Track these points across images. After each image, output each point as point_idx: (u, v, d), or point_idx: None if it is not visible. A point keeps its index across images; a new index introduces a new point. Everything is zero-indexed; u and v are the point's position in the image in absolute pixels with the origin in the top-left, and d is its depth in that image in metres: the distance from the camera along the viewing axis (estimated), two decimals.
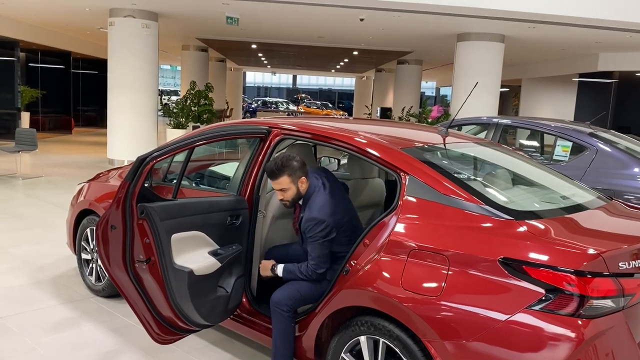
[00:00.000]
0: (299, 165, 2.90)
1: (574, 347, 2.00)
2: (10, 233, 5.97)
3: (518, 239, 2.21)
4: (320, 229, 2.81)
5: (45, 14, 12.69)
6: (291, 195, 2.91)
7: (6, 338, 3.48)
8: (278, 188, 2.90)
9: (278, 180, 2.87)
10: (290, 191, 2.90)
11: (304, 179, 2.93)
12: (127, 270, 2.75)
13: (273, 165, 2.87)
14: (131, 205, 2.66)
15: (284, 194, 2.91)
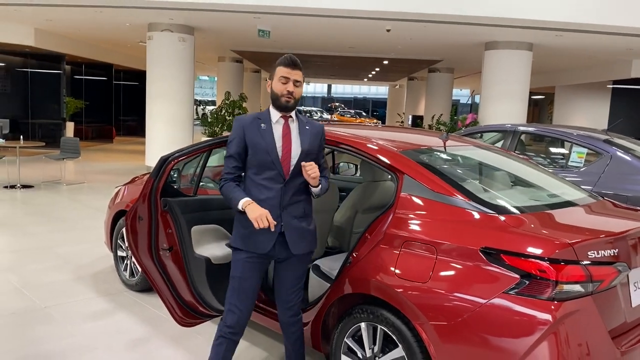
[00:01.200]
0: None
1: (545, 326, 2.21)
2: (55, 234, 6.45)
3: (497, 230, 2.44)
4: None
5: (89, 29, 13.40)
6: (299, 93, 2.73)
7: (50, 325, 3.87)
8: (296, 78, 2.69)
9: (299, 72, 2.71)
10: (300, 89, 2.73)
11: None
12: (153, 258, 3.09)
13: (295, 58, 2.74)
14: (155, 199, 3.00)
15: (297, 89, 2.70)
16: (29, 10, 10.79)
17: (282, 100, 2.68)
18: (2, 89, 16.54)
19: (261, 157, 2.67)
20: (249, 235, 2.71)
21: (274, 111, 2.74)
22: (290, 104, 2.70)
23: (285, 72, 2.68)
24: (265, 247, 2.70)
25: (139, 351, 3.52)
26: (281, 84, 2.68)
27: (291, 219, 2.71)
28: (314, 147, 2.75)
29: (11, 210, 7.72)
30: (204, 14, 10.53)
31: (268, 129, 2.70)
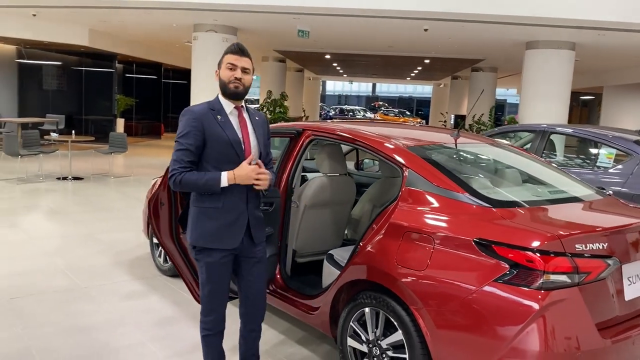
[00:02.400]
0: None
1: (532, 314, 2.33)
2: (100, 222, 6.89)
3: (491, 222, 2.57)
4: None
5: (139, 30, 14.01)
6: (249, 81, 2.65)
7: (89, 303, 4.22)
8: (243, 65, 2.61)
9: (247, 59, 2.64)
10: (249, 76, 2.66)
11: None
12: (174, 240, 3.37)
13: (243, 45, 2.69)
14: None
15: (245, 76, 2.62)
16: (84, 12, 11.40)
17: (230, 86, 2.60)
18: (59, 87, 17.47)
19: (222, 149, 2.57)
20: (217, 229, 2.62)
21: (226, 101, 2.66)
22: (240, 90, 2.62)
23: (232, 59, 2.61)
24: (235, 242, 2.64)
25: (165, 329, 3.81)
26: (228, 70, 2.61)
27: (253, 209, 2.70)
28: (265, 137, 2.77)
29: (62, 200, 8.25)
30: (245, 15, 10.87)
31: (226, 121, 2.62)
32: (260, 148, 2.71)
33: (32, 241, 5.85)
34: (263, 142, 2.74)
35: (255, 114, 2.79)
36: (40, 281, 4.62)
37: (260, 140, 2.72)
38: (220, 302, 2.79)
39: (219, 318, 2.82)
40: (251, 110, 2.79)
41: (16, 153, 9.39)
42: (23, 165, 9.93)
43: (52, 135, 10.48)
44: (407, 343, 2.72)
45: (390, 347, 2.83)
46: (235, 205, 2.62)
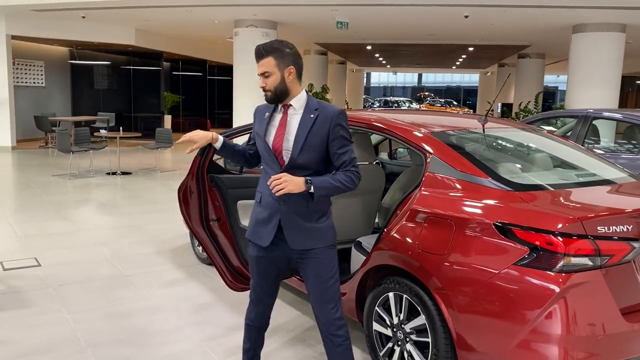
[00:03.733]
0: (291, 53, 2.49)
1: (552, 296, 2.31)
2: (145, 214, 7.16)
3: (511, 206, 2.55)
4: (347, 125, 2.53)
5: (183, 28, 14.37)
6: (273, 82, 2.45)
7: (129, 289, 4.42)
8: (260, 71, 2.47)
9: (262, 61, 2.46)
10: (272, 77, 2.45)
11: (293, 70, 2.48)
12: (204, 227, 3.49)
13: (261, 45, 2.49)
14: (202, 175, 3.39)
15: (266, 80, 2.46)
16: (128, 12, 11.79)
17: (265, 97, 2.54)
18: (109, 86, 18.14)
19: (259, 144, 2.59)
20: (254, 224, 2.62)
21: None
22: (269, 98, 2.50)
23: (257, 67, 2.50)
24: (265, 240, 2.56)
25: (202, 314, 3.95)
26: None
27: (290, 214, 2.50)
28: (317, 138, 2.44)
29: (111, 194, 8.60)
30: (284, 9, 10.98)
31: (267, 118, 2.57)
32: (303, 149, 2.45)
33: (81, 232, 6.15)
34: (319, 141, 2.44)
35: (316, 111, 2.47)
36: (86, 269, 4.86)
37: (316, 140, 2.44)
38: (260, 296, 2.72)
39: (259, 312, 2.76)
40: (313, 106, 2.49)
41: (68, 150, 9.84)
42: (75, 161, 10.39)
43: (101, 132, 10.91)
44: (430, 327, 2.73)
45: (413, 330, 2.85)
46: (270, 204, 2.53)
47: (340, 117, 2.48)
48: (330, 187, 2.45)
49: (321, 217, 2.56)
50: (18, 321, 3.76)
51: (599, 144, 6.29)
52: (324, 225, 2.56)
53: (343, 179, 2.45)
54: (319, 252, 2.54)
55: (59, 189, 8.75)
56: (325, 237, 2.56)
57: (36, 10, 11.87)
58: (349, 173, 2.46)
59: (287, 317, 3.93)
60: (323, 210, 2.57)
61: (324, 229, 2.56)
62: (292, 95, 2.51)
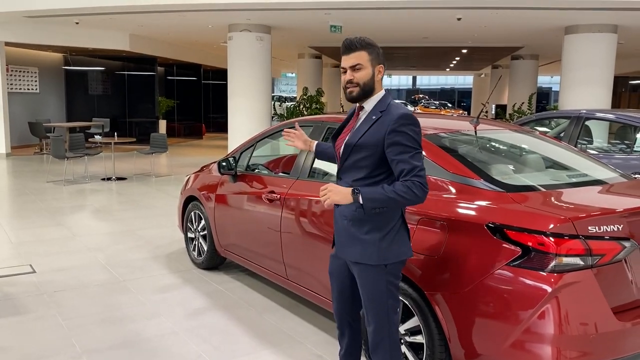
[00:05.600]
0: (382, 53, 2.44)
1: (544, 296, 2.33)
2: (140, 219, 7.15)
3: (503, 207, 2.57)
4: (417, 131, 2.29)
5: (177, 33, 14.36)
6: (364, 77, 2.35)
7: (125, 295, 4.42)
8: (350, 64, 2.35)
9: (355, 54, 2.35)
10: (364, 71, 2.35)
11: (383, 69, 2.42)
12: None
13: (354, 38, 2.38)
14: None
15: (355, 73, 2.35)
16: (122, 17, 11.78)
17: (346, 93, 2.41)
18: (104, 91, 18.11)
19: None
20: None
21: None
22: (354, 94, 2.38)
23: (342, 61, 2.40)
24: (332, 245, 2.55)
25: (197, 319, 3.95)
26: (342, 74, 2.41)
27: (341, 217, 2.44)
28: (371, 140, 2.32)
29: (106, 200, 8.59)
30: (278, 13, 10.99)
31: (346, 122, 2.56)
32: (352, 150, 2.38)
33: (76, 238, 6.14)
34: (374, 143, 2.32)
35: (381, 112, 2.35)
36: (82, 275, 4.86)
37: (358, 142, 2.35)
38: (335, 307, 2.67)
39: (338, 324, 2.70)
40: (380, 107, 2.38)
41: (63, 156, 9.82)
42: (70, 167, 10.38)
43: (95, 137, 10.90)
44: (424, 328, 2.75)
45: (407, 332, 2.86)
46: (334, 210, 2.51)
47: (398, 121, 2.28)
48: (382, 198, 2.23)
49: (372, 230, 2.35)
50: (13, 328, 3.76)
51: (591, 144, 6.33)
52: (370, 239, 2.35)
53: (399, 189, 2.21)
54: (362, 268, 2.39)
55: (53, 195, 8.73)
56: (367, 252, 2.35)
57: (30, 16, 11.86)
58: (409, 183, 2.21)
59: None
60: (376, 222, 2.34)
61: (369, 242, 2.35)
62: (373, 95, 2.41)
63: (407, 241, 2.43)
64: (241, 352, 3.44)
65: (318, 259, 3.50)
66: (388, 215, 2.35)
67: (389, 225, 2.36)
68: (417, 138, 2.29)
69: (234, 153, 4.73)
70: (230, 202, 4.53)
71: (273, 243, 3.92)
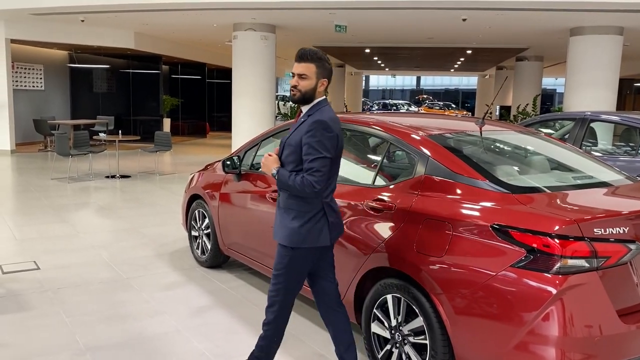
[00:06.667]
0: (329, 68, 2.76)
1: (548, 298, 2.32)
2: (144, 217, 7.16)
3: (508, 208, 2.56)
4: (326, 136, 2.61)
5: (182, 31, 14.39)
6: (306, 86, 2.69)
7: (128, 292, 4.43)
8: (299, 72, 2.69)
9: (305, 65, 2.69)
10: (308, 81, 2.69)
11: (326, 82, 2.75)
12: None
13: (308, 50, 2.71)
14: None
15: (301, 82, 2.69)
16: (127, 15, 11.81)
17: (290, 94, 2.77)
18: (108, 89, 18.14)
19: None
20: None
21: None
22: (296, 97, 2.73)
23: (293, 67, 2.74)
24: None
25: (201, 317, 3.96)
26: (292, 77, 2.75)
27: (278, 204, 2.86)
28: (295, 139, 2.69)
29: (110, 198, 8.61)
30: (283, 13, 11.00)
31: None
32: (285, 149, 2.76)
33: (80, 235, 6.15)
34: (295, 143, 2.68)
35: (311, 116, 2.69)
36: (85, 272, 4.87)
37: (293, 141, 2.70)
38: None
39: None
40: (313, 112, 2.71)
41: (67, 153, 9.84)
42: (74, 164, 10.40)
43: (100, 135, 10.92)
44: (428, 329, 2.74)
45: (411, 333, 2.86)
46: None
47: (314, 125, 2.63)
48: (285, 182, 2.68)
49: (295, 218, 2.73)
50: (17, 324, 3.77)
51: (596, 146, 6.31)
52: (292, 225, 2.74)
53: (297, 181, 2.63)
54: (280, 247, 2.82)
55: (58, 192, 8.76)
56: (288, 235, 2.75)
57: (35, 14, 11.89)
58: (304, 179, 2.60)
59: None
60: (297, 212, 2.73)
61: (290, 227, 2.74)
62: (313, 102, 2.75)
63: (326, 232, 2.77)
64: (244, 351, 3.43)
65: None
66: (306, 206, 2.72)
67: (307, 215, 2.73)
68: (326, 143, 2.62)
69: (239, 152, 4.73)
70: (234, 200, 4.54)
71: (274, 241, 3.92)
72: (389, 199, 3.07)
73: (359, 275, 3.17)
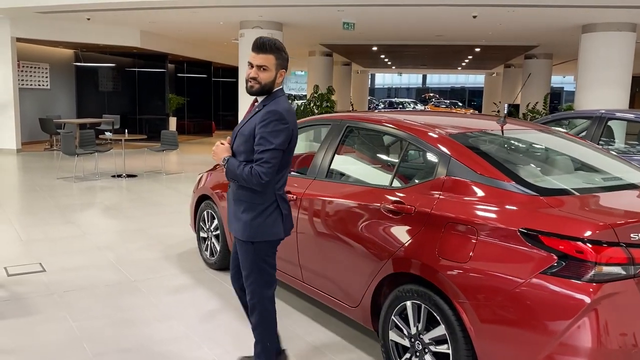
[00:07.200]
0: (287, 58, 2.71)
1: (583, 308, 2.19)
2: (150, 217, 7.05)
3: (537, 211, 2.43)
4: (280, 128, 2.57)
5: (188, 30, 14.29)
6: (266, 78, 2.61)
7: (136, 296, 4.32)
8: (258, 63, 2.60)
9: (264, 56, 2.59)
10: (268, 73, 2.61)
11: (284, 73, 2.70)
12: None
13: (266, 40, 2.61)
14: None
15: (261, 73, 2.61)
16: (133, 13, 11.71)
17: (247, 85, 2.66)
18: (114, 88, 18.07)
19: None
20: None
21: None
22: (255, 89, 2.65)
23: (250, 56, 2.62)
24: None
25: (210, 322, 3.85)
26: (248, 68, 2.65)
27: (229, 195, 2.83)
28: (248, 128, 2.65)
29: (116, 197, 8.51)
30: (290, 10, 10.88)
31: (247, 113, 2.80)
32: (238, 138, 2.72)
33: (86, 236, 6.05)
34: (248, 133, 2.65)
35: (267, 106, 2.65)
36: (92, 275, 4.77)
37: (245, 131, 2.67)
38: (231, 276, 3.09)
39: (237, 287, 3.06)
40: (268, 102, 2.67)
41: (73, 152, 9.76)
42: (80, 164, 10.32)
43: (106, 134, 10.83)
44: (450, 338, 2.62)
45: (432, 341, 2.73)
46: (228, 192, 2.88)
47: (268, 115, 2.58)
48: (233, 171, 2.63)
49: (246, 210, 2.69)
50: (22, 329, 3.66)
51: (613, 145, 6.16)
52: (243, 217, 2.70)
53: (245, 171, 2.59)
54: (239, 242, 2.77)
55: (64, 191, 8.67)
56: (240, 229, 2.71)
57: (41, 12, 11.81)
58: (252, 170, 2.56)
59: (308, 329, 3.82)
60: (248, 203, 2.69)
61: (242, 220, 2.70)
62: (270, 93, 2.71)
63: (279, 224, 2.73)
64: None
65: (336, 262, 3.39)
66: (257, 198, 2.68)
67: (259, 207, 2.68)
68: (279, 135, 2.56)
69: None
70: None
71: (289, 245, 3.80)
72: (408, 201, 2.94)
73: (376, 280, 3.05)
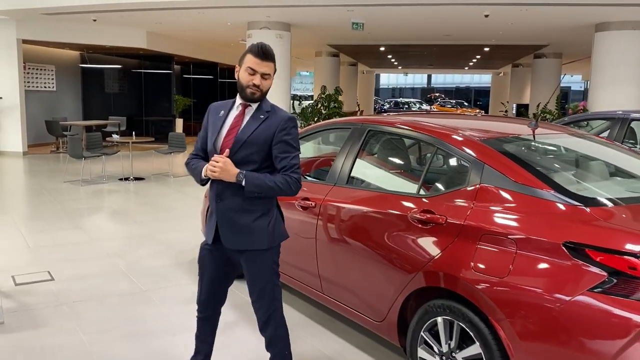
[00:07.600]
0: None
1: (636, 329, 2.02)
2: (160, 222, 6.91)
3: (583, 223, 2.27)
4: (297, 133, 2.62)
5: (194, 30, 14.15)
6: (268, 85, 2.57)
7: (147, 306, 4.17)
8: (264, 71, 2.52)
9: (268, 64, 2.54)
10: (269, 81, 2.58)
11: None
12: None
13: (269, 47, 2.56)
14: None
15: (264, 82, 2.54)
16: (140, 14, 11.59)
17: (247, 91, 2.55)
18: (120, 90, 17.97)
19: (210, 140, 2.62)
20: (207, 219, 2.77)
21: (239, 99, 2.64)
22: (257, 96, 2.56)
23: (253, 63, 2.52)
24: (209, 237, 2.70)
25: (227, 335, 3.70)
26: (248, 74, 2.53)
27: (226, 210, 2.59)
28: (261, 137, 2.54)
29: (124, 201, 8.38)
30: (298, 10, 10.73)
31: (222, 117, 2.64)
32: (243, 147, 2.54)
33: (95, 242, 5.91)
34: (262, 142, 2.54)
35: (269, 112, 2.58)
36: (102, 284, 4.62)
37: (249, 139, 2.54)
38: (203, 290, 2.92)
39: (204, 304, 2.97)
40: (266, 108, 2.59)
41: (80, 155, 9.64)
42: (87, 167, 10.20)
43: (113, 137, 10.71)
44: (486, 357, 2.45)
45: None
46: (211, 201, 2.66)
47: (288, 123, 2.57)
48: (263, 185, 2.50)
49: (259, 218, 2.61)
50: (31, 343, 3.52)
51: (637, 147, 5.98)
52: (259, 226, 2.61)
53: (279, 180, 2.52)
54: (251, 254, 2.64)
55: (71, 195, 8.54)
56: (258, 239, 2.61)
57: (47, 14, 11.69)
58: (287, 177, 2.53)
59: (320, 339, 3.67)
60: (261, 211, 2.61)
61: (258, 230, 2.61)
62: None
63: (283, 224, 2.75)
64: None
65: (359, 273, 3.23)
66: (268, 203, 2.64)
67: (271, 212, 2.66)
68: (298, 139, 2.61)
69: None
70: None
71: (307, 254, 3.65)
72: (438, 210, 2.77)
73: (404, 294, 2.89)
